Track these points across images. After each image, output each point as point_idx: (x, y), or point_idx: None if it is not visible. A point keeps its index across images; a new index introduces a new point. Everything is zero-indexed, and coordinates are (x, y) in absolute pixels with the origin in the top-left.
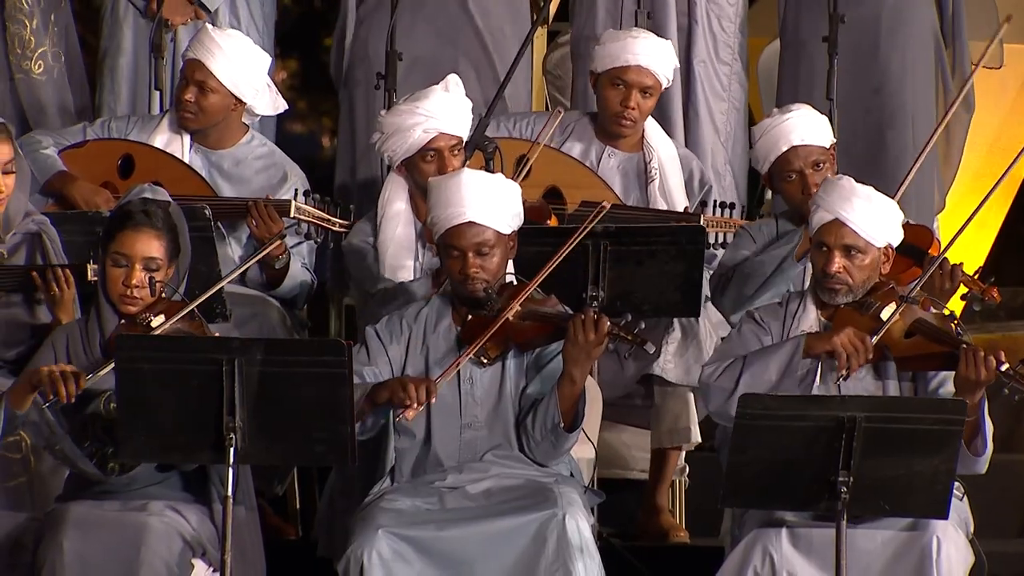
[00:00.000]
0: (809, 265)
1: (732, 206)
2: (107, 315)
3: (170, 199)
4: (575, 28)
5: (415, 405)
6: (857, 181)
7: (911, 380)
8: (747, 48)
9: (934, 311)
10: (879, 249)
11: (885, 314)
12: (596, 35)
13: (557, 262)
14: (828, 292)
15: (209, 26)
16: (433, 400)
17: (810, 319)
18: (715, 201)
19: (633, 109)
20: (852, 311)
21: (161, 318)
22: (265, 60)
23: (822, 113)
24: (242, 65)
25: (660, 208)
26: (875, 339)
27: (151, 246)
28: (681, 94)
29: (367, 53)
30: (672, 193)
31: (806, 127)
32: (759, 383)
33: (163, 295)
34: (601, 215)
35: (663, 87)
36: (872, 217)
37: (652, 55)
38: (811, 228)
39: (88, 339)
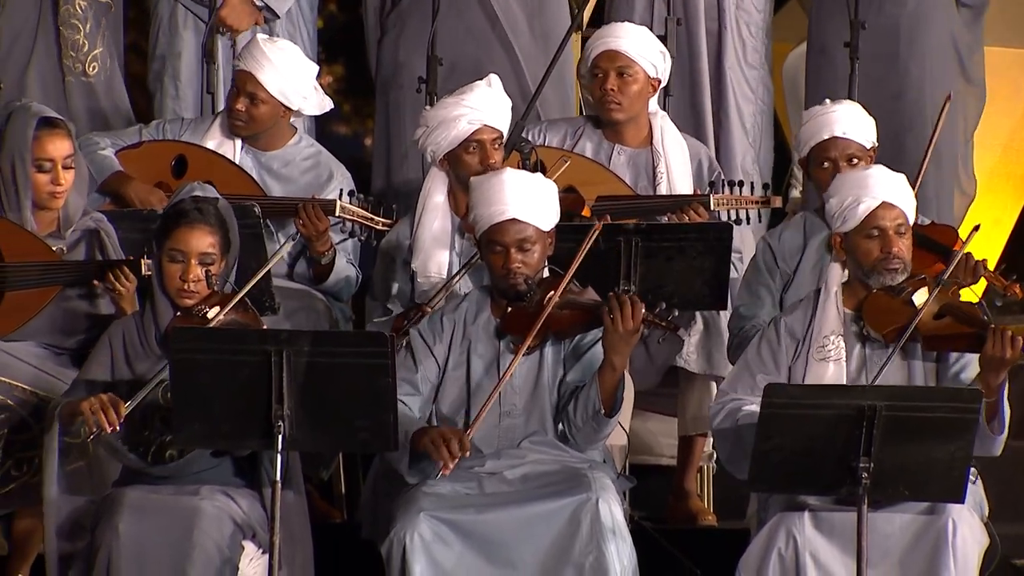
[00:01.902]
0: (834, 265)
1: (741, 183)
2: (162, 308)
3: (219, 196)
4: None
5: (449, 465)
6: None
7: (935, 362)
8: (772, 53)
9: (961, 296)
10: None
11: (917, 298)
12: None
13: (584, 251)
14: (888, 274)
15: (261, 36)
16: (466, 455)
17: (831, 314)
18: (723, 180)
19: (613, 90)
20: (885, 295)
21: (216, 309)
22: (312, 69)
23: None
24: (291, 75)
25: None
26: (913, 325)
27: (205, 241)
28: (712, 97)
29: (399, 60)
30: (680, 193)
31: (849, 121)
32: (741, 440)
33: (216, 288)
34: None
35: (648, 73)
36: (909, 195)
37: (622, 38)
38: (848, 222)
39: (145, 332)
